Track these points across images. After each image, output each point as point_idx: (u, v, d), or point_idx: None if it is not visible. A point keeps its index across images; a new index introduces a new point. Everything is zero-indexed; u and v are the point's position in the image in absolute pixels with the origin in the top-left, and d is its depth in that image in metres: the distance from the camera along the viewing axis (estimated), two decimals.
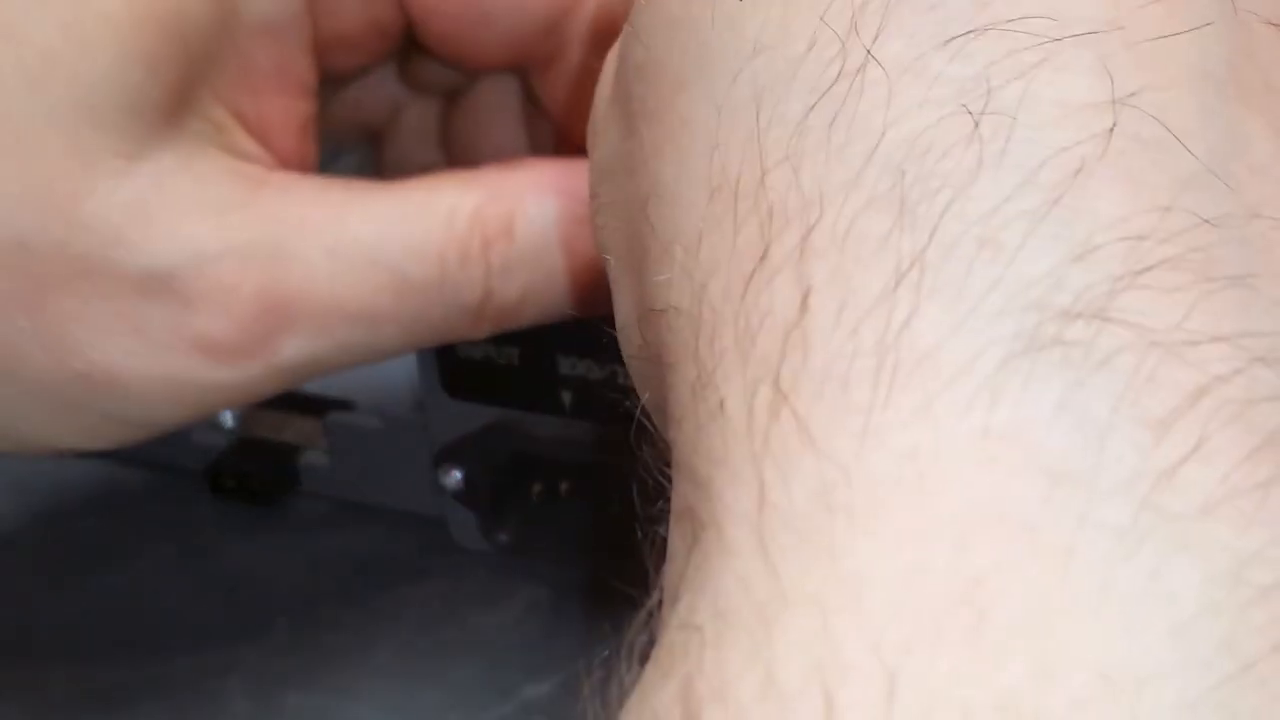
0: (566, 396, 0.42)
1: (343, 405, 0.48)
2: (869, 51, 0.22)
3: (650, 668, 0.20)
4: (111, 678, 0.43)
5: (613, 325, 0.38)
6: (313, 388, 0.49)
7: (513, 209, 0.36)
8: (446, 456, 0.43)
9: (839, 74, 0.22)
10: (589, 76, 0.39)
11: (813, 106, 0.22)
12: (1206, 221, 0.20)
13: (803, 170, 0.21)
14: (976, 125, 0.21)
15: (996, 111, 0.21)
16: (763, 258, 0.21)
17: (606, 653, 0.41)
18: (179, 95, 0.35)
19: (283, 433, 0.48)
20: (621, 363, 0.39)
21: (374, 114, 0.43)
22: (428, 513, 0.46)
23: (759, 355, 0.21)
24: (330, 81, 0.39)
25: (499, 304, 0.36)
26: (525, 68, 0.41)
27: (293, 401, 0.49)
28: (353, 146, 0.55)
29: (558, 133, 0.42)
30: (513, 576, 0.45)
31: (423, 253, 0.35)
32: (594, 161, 0.28)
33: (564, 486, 0.43)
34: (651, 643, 0.21)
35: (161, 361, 0.35)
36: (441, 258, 0.35)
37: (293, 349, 0.35)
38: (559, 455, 0.42)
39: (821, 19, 0.22)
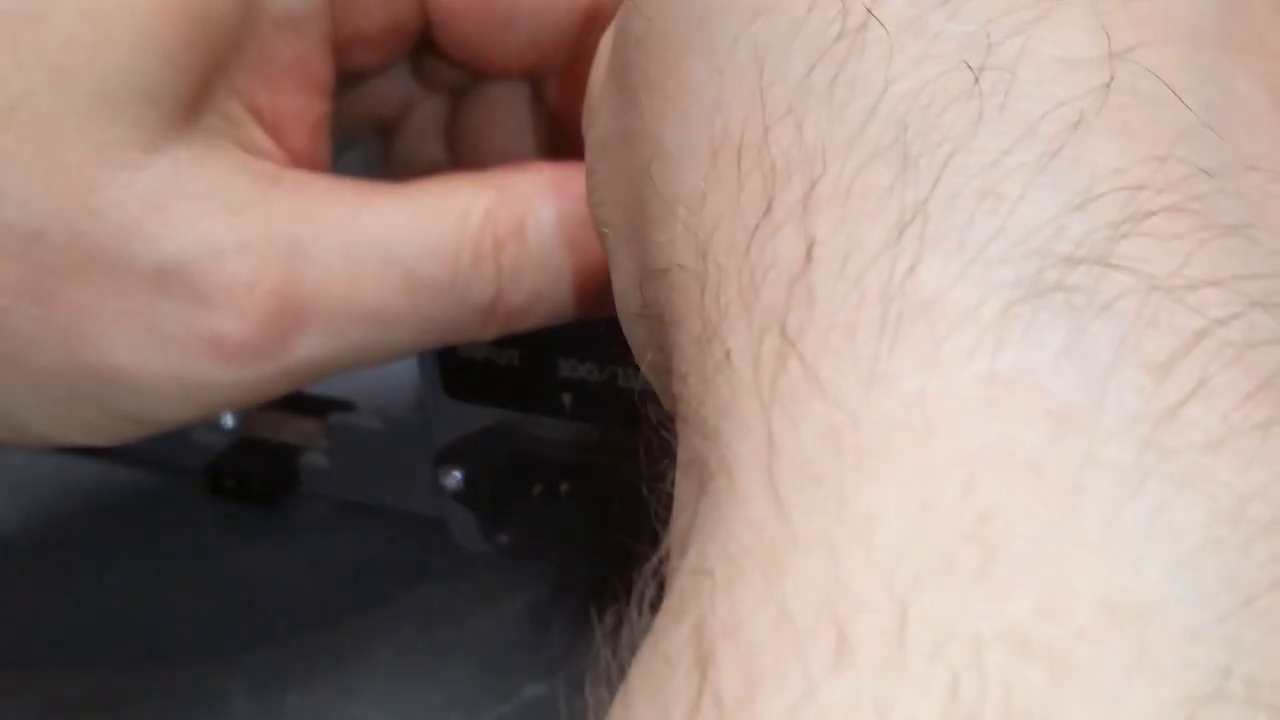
0: (567, 398, 0.42)
1: (343, 406, 0.48)
2: (869, 10, 0.22)
3: (661, 614, 0.21)
4: (112, 679, 0.43)
5: (615, 327, 0.38)
6: (314, 388, 0.49)
7: (524, 211, 0.36)
8: (447, 457, 0.43)
9: (840, 33, 0.22)
10: None
11: (814, 65, 0.22)
12: (1203, 171, 0.20)
13: (805, 126, 0.22)
14: (977, 80, 0.21)
15: (996, 67, 0.21)
16: (766, 212, 0.22)
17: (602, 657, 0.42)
18: (198, 88, 0.35)
19: (283, 433, 0.48)
20: (622, 364, 0.40)
21: (386, 109, 0.43)
22: (428, 513, 0.46)
23: (764, 306, 0.21)
24: (346, 79, 0.39)
25: (508, 305, 0.36)
26: (539, 73, 0.41)
27: (293, 402, 0.48)
28: (358, 141, 0.55)
29: (567, 137, 0.42)
30: (512, 577, 0.45)
31: (436, 253, 0.35)
32: (591, 138, 0.28)
33: (564, 488, 0.43)
34: (660, 593, 0.21)
35: (171, 358, 0.34)
36: (454, 258, 0.35)
37: (305, 349, 0.35)
38: (559, 457, 0.42)
39: None
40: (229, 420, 0.49)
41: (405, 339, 0.36)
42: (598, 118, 0.28)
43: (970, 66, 0.21)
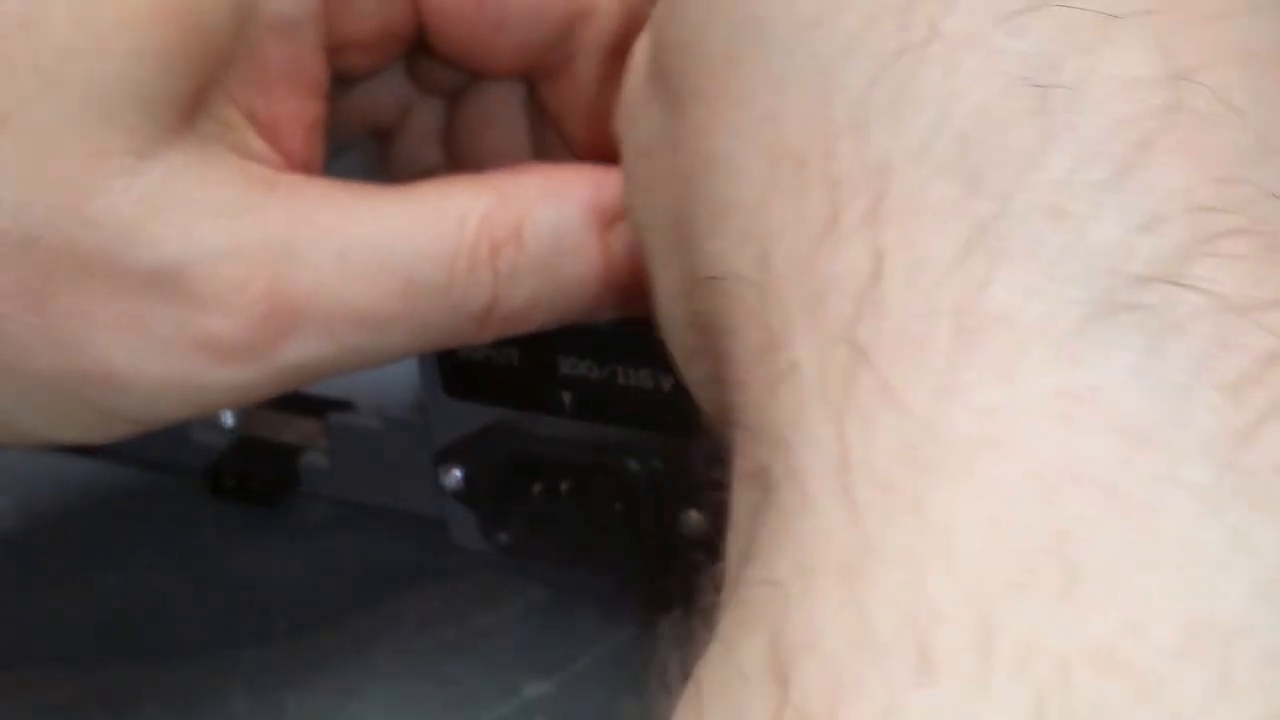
0: (566, 397, 0.42)
1: (343, 406, 0.48)
2: (931, 25, 0.22)
3: (728, 624, 0.20)
4: (112, 679, 0.43)
5: (614, 325, 0.38)
6: (313, 388, 0.48)
7: (522, 215, 0.36)
8: (446, 456, 0.43)
9: (901, 47, 0.22)
10: (598, 86, 0.39)
11: (876, 79, 0.22)
12: (1269, 193, 0.20)
13: (868, 140, 0.22)
14: (1045, 97, 0.21)
15: (1061, 85, 0.21)
16: (832, 223, 0.22)
17: (605, 653, 0.42)
18: (193, 94, 0.35)
19: (283, 433, 0.48)
20: (621, 363, 0.40)
21: (382, 114, 0.43)
22: (428, 513, 0.46)
23: (832, 317, 0.21)
24: (340, 82, 0.39)
25: (505, 310, 0.36)
26: (534, 75, 0.41)
27: (293, 402, 0.48)
28: (353, 145, 0.55)
29: (562, 139, 0.42)
30: (513, 577, 0.45)
31: (432, 257, 0.35)
32: (630, 144, 0.28)
33: (564, 486, 0.43)
34: (716, 605, 0.21)
35: (165, 361, 0.35)
36: (451, 263, 0.35)
37: (298, 351, 0.35)
38: (559, 455, 0.42)
39: None
40: (229, 420, 0.49)
41: (400, 343, 0.36)
42: (637, 124, 0.28)
43: (1036, 84, 0.21)
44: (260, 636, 0.44)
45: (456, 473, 0.43)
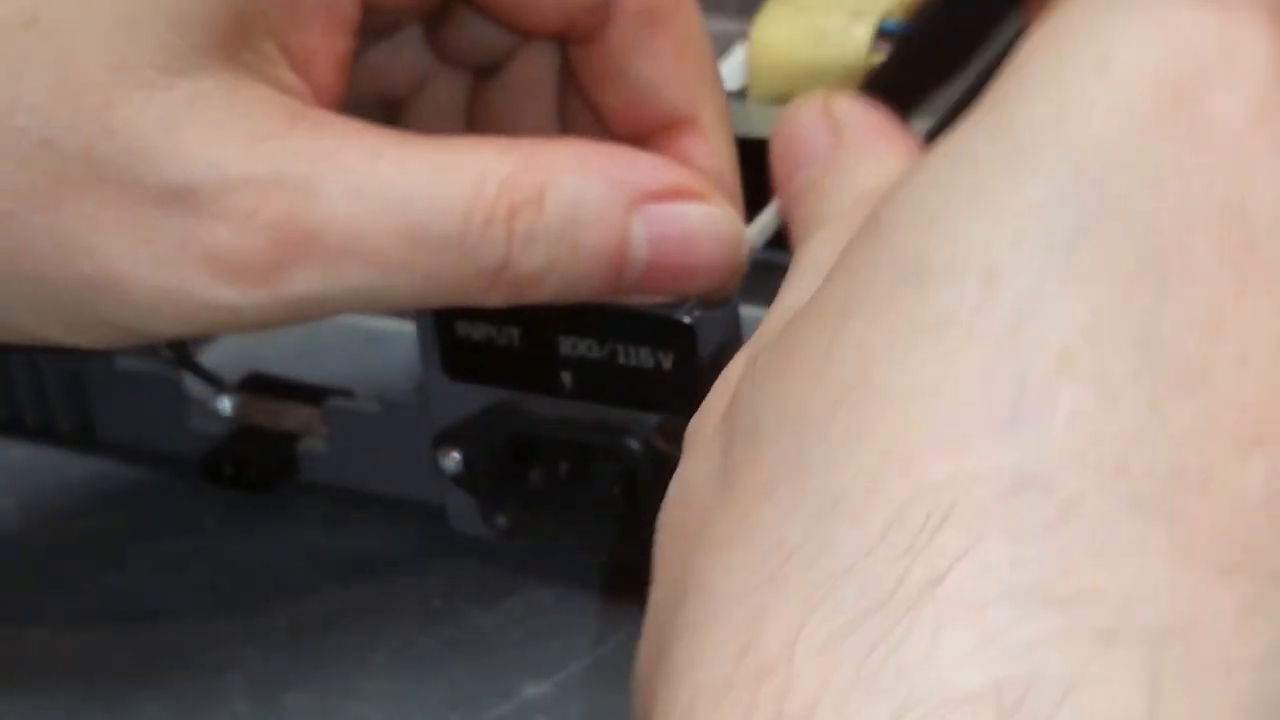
0: (567, 377, 0.41)
1: (341, 391, 0.47)
2: (929, 584, 0.22)
3: None
4: (111, 676, 0.43)
5: (615, 304, 0.38)
6: (311, 377, 0.49)
7: (545, 181, 0.36)
8: (445, 439, 0.43)
9: (894, 588, 0.22)
10: (631, 56, 0.40)
11: (859, 622, 0.22)
12: None
13: (831, 684, 0.22)
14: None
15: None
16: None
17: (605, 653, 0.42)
18: (231, 20, 0.35)
19: (281, 420, 0.48)
20: (621, 343, 0.40)
21: (397, 82, 0.43)
22: (427, 499, 0.45)
23: None
24: (366, 31, 0.39)
25: (516, 273, 0.36)
26: (570, 36, 0.41)
27: (291, 388, 0.48)
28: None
29: (591, 110, 0.41)
30: (513, 575, 0.45)
31: (447, 208, 0.35)
32: (684, 468, 0.28)
33: (564, 468, 0.43)
34: None
35: (168, 273, 0.35)
36: (466, 216, 0.35)
37: (303, 283, 0.35)
38: (559, 437, 0.42)
39: (892, 525, 0.23)
40: (226, 408, 0.48)
41: (406, 290, 0.36)
42: (697, 455, 0.28)
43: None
44: (260, 634, 0.44)
45: (455, 454, 0.43)
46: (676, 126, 0.40)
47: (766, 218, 0.40)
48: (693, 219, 0.37)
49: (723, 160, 0.41)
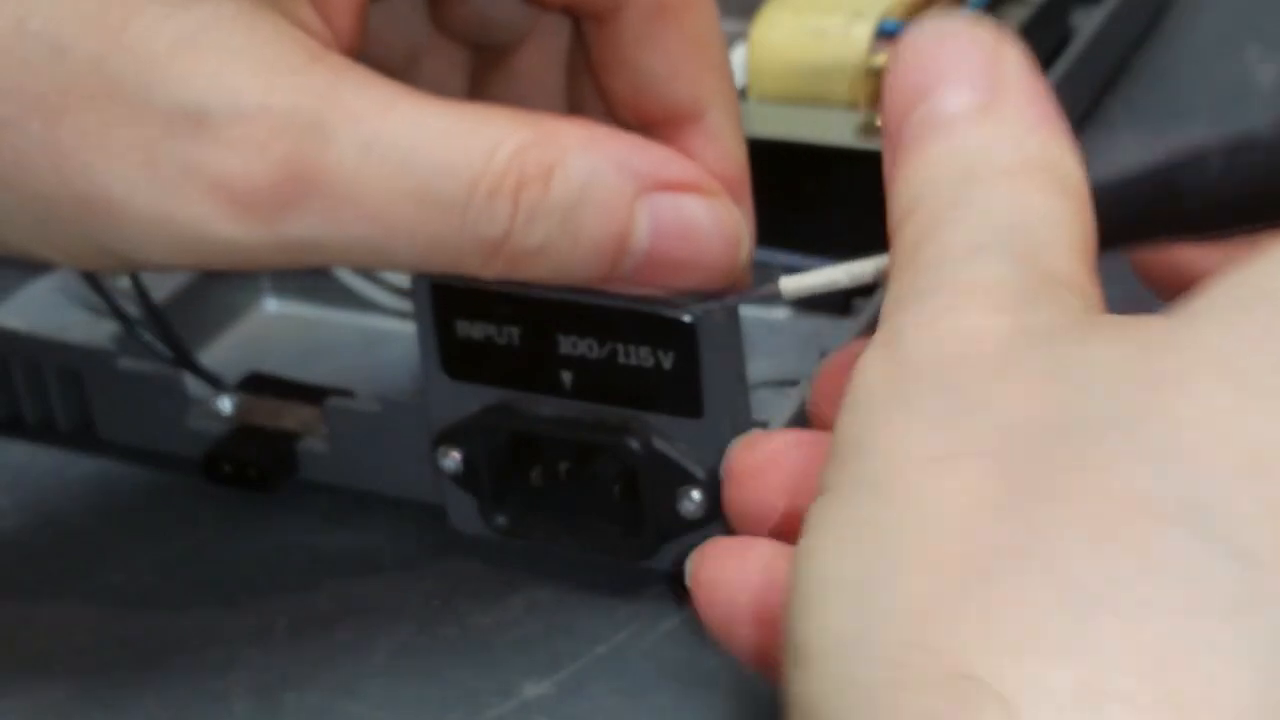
0: (567, 377, 0.41)
1: (341, 391, 0.47)
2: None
3: None
4: (111, 676, 0.43)
5: (614, 306, 0.38)
6: (311, 377, 0.49)
7: (556, 158, 0.35)
8: (445, 438, 0.43)
9: None
10: (644, 41, 0.40)
11: None
12: None
13: None
14: None
15: None
16: None
17: (605, 653, 0.42)
18: None
19: (281, 419, 0.48)
20: (621, 342, 0.40)
21: (394, 50, 0.42)
22: (427, 499, 0.45)
23: None
24: None
25: (516, 248, 0.36)
26: (584, 12, 0.40)
27: (291, 388, 0.48)
28: None
29: (600, 93, 0.41)
30: (513, 575, 0.45)
31: (455, 173, 0.35)
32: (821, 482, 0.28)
33: (563, 468, 0.43)
34: None
35: (168, 200, 0.34)
36: (473, 184, 0.35)
37: (302, 226, 0.35)
38: (559, 436, 0.42)
39: None
40: (227, 407, 0.48)
41: (404, 251, 0.36)
42: (823, 483, 0.27)
43: None
44: (260, 634, 0.43)
45: (455, 454, 0.43)
46: (683, 120, 0.40)
47: (817, 278, 0.38)
48: (697, 214, 0.37)
49: (730, 159, 0.41)
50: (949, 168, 0.29)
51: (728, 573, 0.33)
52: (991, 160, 0.29)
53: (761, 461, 0.35)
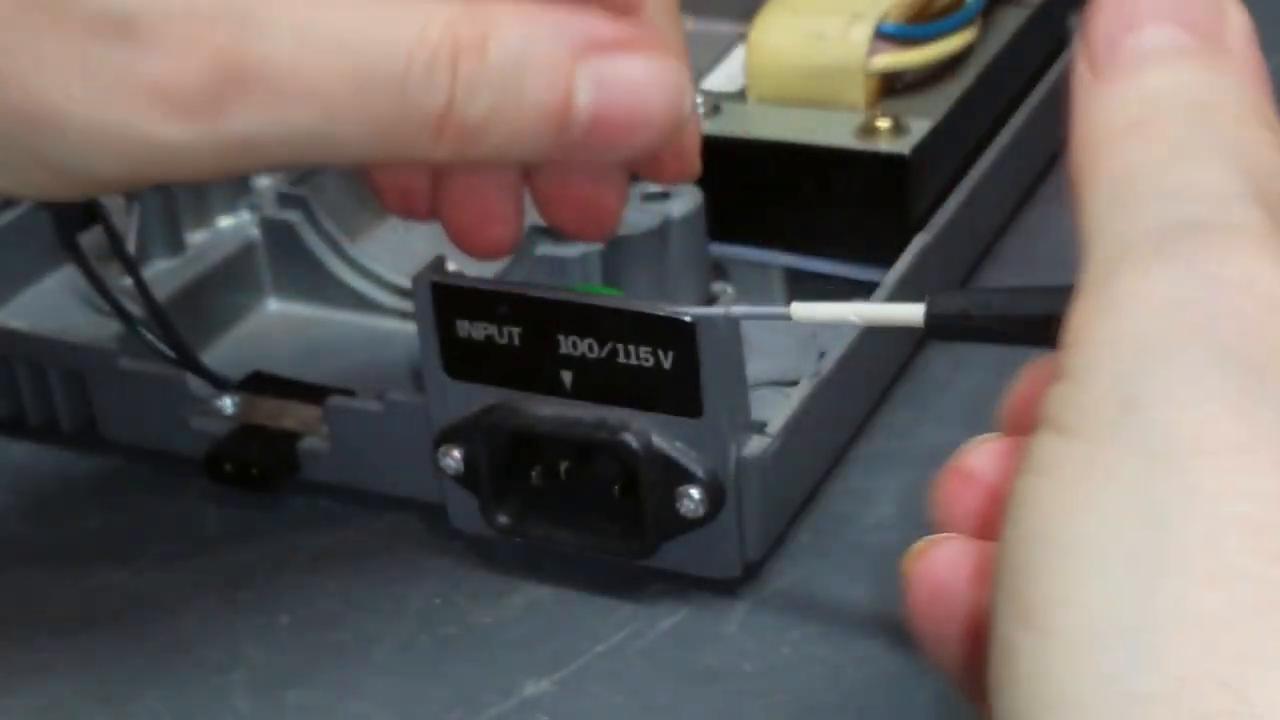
0: (567, 377, 0.41)
1: (342, 390, 0.48)
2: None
3: None
4: (114, 674, 0.43)
5: (614, 307, 0.39)
6: (312, 377, 0.49)
7: (488, 28, 0.35)
8: (446, 438, 0.43)
9: None
10: None
11: None
12: None
13: None
14: None
15: None
16: None
17: (605, 652, 0.42)
18: None
19: (282, 418, 0.48)
20: (622, 342, 0.40)
21: None
22: (428, 498, 0.45)
23: None
24: None
25: (460, 120, 0.35)
26: None
27: (292, 387, 0.49)
28: None
29: None
30: (514, 574, 0.45)
31: (390, 49, 0.35)
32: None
33: (563, 467, 0.43)
34: None
35: (105, 106, 0.34)
36: (409, 57, 0.35)
37: (243, 121, 0.34)
38: (559, 435, 0.42)
39: None
40: (228, 407, 0.48)
41: (352, 136, 0.35)
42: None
43: None
44: (262, 633, 0.44)
45: (456, 454, 0.43)
46: (619, 12, 0.38)
47: (829, 311, 0.38)
48: (636, 71, 0.36)
49: (667, 33, 0.39)
50: (1179, 98, 0.27)
51: (942, 568, 0.31)
52: (1227, 105, 0.27)
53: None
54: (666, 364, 0.40)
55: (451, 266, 0.42)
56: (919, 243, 0.49)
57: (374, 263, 0.54)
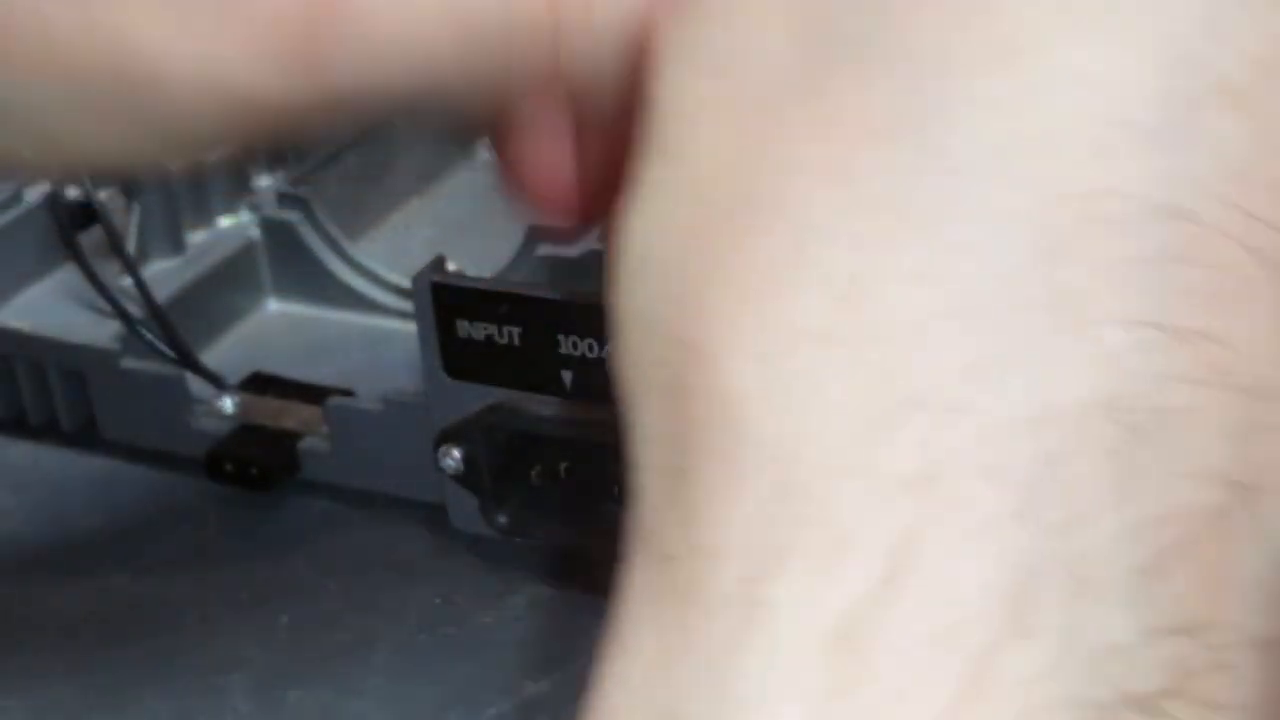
0: (567, 376, 0.41)
1: (343, 391, 0.48)
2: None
3: None
4: (114, 674, 0.43)
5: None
6: (313, 377, 0.49)
7: None
8: (446, 438, 0.43)
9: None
10: None
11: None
12: None
13: None
14: None
15: None
16: None
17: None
18: None
19: (283, 419, 0.48)
20: None
21: None
22: (428, 498, 0.45)
23: None
24: None
25: (565, 63, 0.34)
26: None
27: (293, 388, 0.49)
28: (353, 145, 0.54)
29: None
30: (514, 574, 0.45)
31: None
32: (722, 28, 0.28)
33: (564, 467, 0.43)
34: None
35: (202, 49, 0.33)
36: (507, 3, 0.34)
37: (343, 68, 0.33)
38: (559, 436, 0.42)
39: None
40: (229, 406, 0.49)
41: (453, 85, 0.34)
42: (745, 17, 0.27)
43: None
44: (262, 633, 0.44)
45: (456, 454, 0.43)
46: None
47: None
48: None
49: None
50: None
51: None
52: None
53: None
54: None
55: (451, 266, 0.42)
56: None
57: (374, 263, 0.54)
